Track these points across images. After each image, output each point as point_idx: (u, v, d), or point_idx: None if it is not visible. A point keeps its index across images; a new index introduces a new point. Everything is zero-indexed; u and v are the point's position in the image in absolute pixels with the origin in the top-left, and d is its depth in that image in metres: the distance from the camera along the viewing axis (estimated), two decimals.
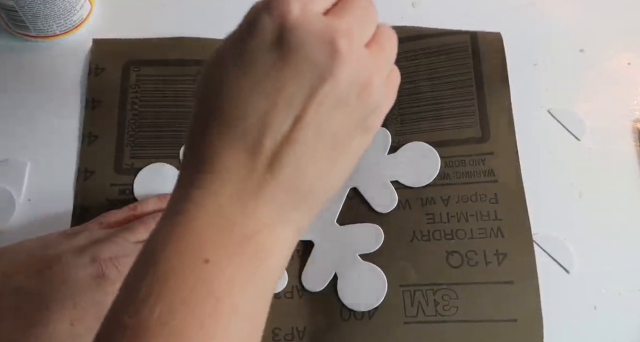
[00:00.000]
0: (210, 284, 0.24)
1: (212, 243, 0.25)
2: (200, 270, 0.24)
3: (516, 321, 0.42)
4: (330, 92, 0.25)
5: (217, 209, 0.25)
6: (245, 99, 0.25)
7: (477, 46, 0.49)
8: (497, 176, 0.46)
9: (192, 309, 0.23)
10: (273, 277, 0.27)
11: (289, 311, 0.43)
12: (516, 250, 0.44)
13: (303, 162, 0.26)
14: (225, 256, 0.25)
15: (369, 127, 0.28)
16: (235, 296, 0.24)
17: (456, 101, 0.48)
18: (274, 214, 0.26)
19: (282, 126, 0.26)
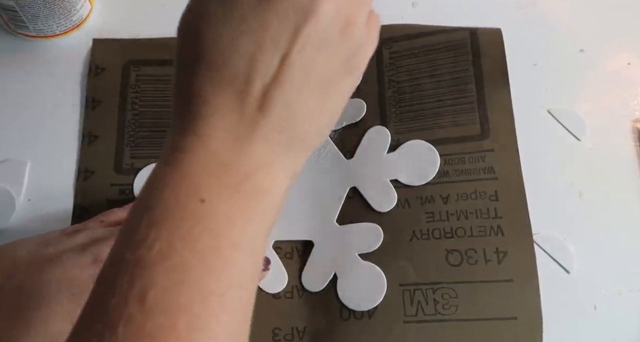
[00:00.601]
0: (207, 222, 0.24)
1: (207, 185, 0.25)
2: (197, 209, 0.24)
3: (516, 319, 0.42)
4: (313, 30, 0.26)
5: (210, 154, 0.25)
6: (230, 41, 0.25)
7: (476, 42, 0.49)
8: (497, 173, 0.45)
9: (192, 245, 0.23)
10: (269, 218, 0.27)
11: (289, 311, 0.43)
12: (516, 248, 0.43)
13: (293, 102, 0.26)
14: (221, 195, 0.25)
15: (354, 68, 0.28)
16: (233, 233, 0.25)
17: (456, 98, 0.48)
18: (268, 156, 0.26)
19: (270, 66, 0.25)
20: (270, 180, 0.26)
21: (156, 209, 0.24)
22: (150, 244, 0.23)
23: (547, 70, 0.49)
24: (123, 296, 0.22)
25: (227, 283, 0.24)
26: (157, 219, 0.24)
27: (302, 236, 0.45)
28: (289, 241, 0.45)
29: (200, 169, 0.25)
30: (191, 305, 0.23)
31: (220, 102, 0.26)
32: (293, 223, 0.45)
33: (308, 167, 0.47)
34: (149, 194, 0.25)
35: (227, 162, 0.25)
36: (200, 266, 0.23)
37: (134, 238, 0.24)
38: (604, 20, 0.51)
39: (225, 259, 0.24)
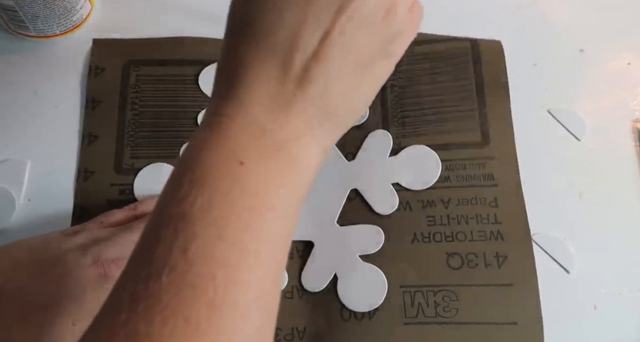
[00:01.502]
0: (246, 183, 0.25)
1: (245, 148, 0.26)
2: (236, 170, 0.25)
3: (516, 324, 0.42)
4: (357, 9, 0.27)
5: (249, 118, 0.26)
6: (275, 13, 0.26)
7: (477, 53, 0.49)
8: (496, 180, 0.46)
9: (230, 203, 0.24)
10: (303, 187, 0.28)
11: (289, 311, 0.43)
12: (516, 253, 0.44)
13: (331, 79, 0.27)
14: (259, 159, 0.26)
15: (392, 53, 0.29)
16: (270, 195, 0.26)
17: (457, 106, 0.48)
18: (303, 127, 0.27)
19: (312, 41, 0.27)
20: (304, 151, 0.27)
21: (197, 169, 0.25)
22: (192, 200, 0.24)
23: (547, 70, 0.49)
24: (167, 247, 0.23)
25: (263, 241, 0.25)
26: (198, 177, 0.25)
27: (303, 236, 0.45)
28: None
29: (240, 133, 0.26)
30: (229, 259, 0.24)
31: (262, 70, 0.27)
32: None
33: None
34: (190, 155, 0.26)
35: (266, 128, 0.26)
36: (238, 223, 0.24)
37: (176, 194, 0.25)
38: (604, 20, 0.51)
39: (261, 218, 0.25)
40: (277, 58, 0.27)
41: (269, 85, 0.27)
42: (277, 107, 0.27)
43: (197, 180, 0.25)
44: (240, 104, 0.27)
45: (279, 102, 0.27)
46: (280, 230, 0.26)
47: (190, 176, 0.25)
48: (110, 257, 0.37)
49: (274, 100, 0.27)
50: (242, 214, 0.25)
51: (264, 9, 0.27)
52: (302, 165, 0.27)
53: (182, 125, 0.48)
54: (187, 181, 0.25)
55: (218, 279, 0.23)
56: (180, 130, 0.48)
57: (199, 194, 0.24)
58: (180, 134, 0.48)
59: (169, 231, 0.24)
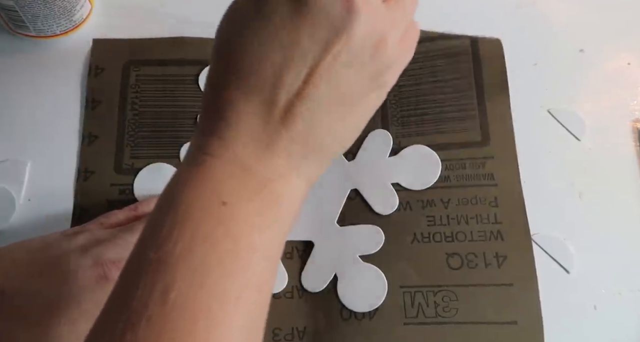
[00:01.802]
0: (228, 224, 0.25)
1: (228, 188, 0.26)
2: (218, 211, 0.25)
3: (516, 324, 0.42)
4: (344, 48, 0.26)
5: (233, 157, 0.26)
6: (260, 51, 0.26)
7: (477, 51, 0.49)
8: (496, 180, 0.46)
9: (211, 246, 0.24)
10: (286, 224, 0.27)
11: (289, 311, 0.43)
12: (516, 253, 0.44)
13: (316, 117, 0.27)
14: (241, 200, 0.26)
15: (383, 84, 0.29)
16: (252, 237, 0.25)
17: (457, 105, 0.48)
18: (287, 165, 0.27)
19: (296, 80, 0.26)
20: (289, 187, 0.27)
21: (180, 209, 0.25)
22: (173, 244, 0.24)
23: (547, 70, 0.49)
24: (146, 294, 0.23)
25: (244, 286, 0.25)
26: (180, 219, 0.25)
27: (303, 236, 0.45)
28: (289, 240, 0.45)
29: (223, 172, 0.26)
30: (209, 307, 0.23)
31: (247, 108, 0.26)
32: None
33: None
34: (173, 193, 0.26)
35: (249, 167, 0.26)
36: (219, 269, 0.24)
37: (157, 236, 0.24)
38: (604, 20, 0.51)
39: (243, 262, 0.25)
40: (262, 96, 0.26)
41: (253, 123, 0.26)
42: (261, 146, 0.26)
43: (178, 221, 0.24)
44: (224, 142, 0.26)
45: (263, 141, 0.26)
46: (262, 271, 0.26)
47: (172, 216, 0.25)
48: (111, 258, 0.37)
49: (258, 139, 0.26)
50: (223, 259, 0.24)
51: (249, 48, 0.26)
52: (286, 202, 0.27)
53: (182, 125, 0.48)
54: (169, 221, 0.25)
55: (198, 330, 0.23)
56: (180, 130, 0.48)
57: (180, 237, 0.24)
58: (180, 134, 0.48)
59: (148, 276, 0.23)
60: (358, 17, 0.25)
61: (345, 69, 0.26)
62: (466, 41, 0.50)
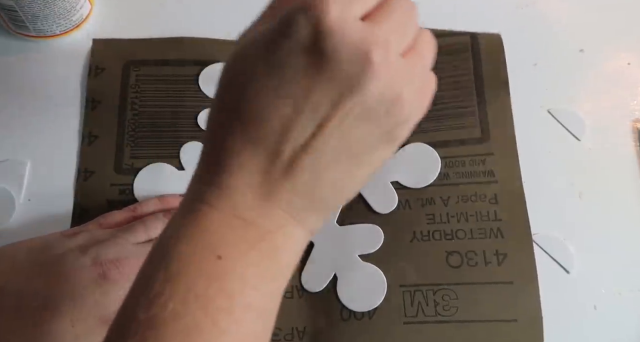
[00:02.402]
0: (223, 281, 0.24)
1: (225, 241, 0.25)
2: (213, 266, 0.24)
3: (516, 321, 0.42)
4: (358, 104, 0.25)
5: (231, 209, 0.25)
6: (269, 102, 0.25)
7: (477, 47, 0.49)
8: (496, 176, 0.46)
9: (205, 305, 0.23)
10: (285, 276, 0.27)
11: (289, 311, 0.43)
12: (516, 250, 0.43)
13: (321, 170, 0.26)
14: (238, 254, 0.25)
15: (395, 139, 0.27)
16: (248, 293, 0.24)
17: (457, 102, 0.48)
18: (288, 217, 0.26)
19: (304, 133, 0.25)
20: (288, 240, 0.26)
21: (172, 264, 0.24)
22: (164, 302, 0.23)
23: (547, 70, 0.49)
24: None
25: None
26: (174, 273, 0.24)
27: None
28: None
29: (220, 224, 0.25)
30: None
31: (249, 159, 0.25)
32: None
33: None
34: (166, 246, 0.25)
35: (247, 219, 0.25)
36: (213, 329, 0.23)
37: (147, 294, 0.23)
38: (604, 20, 0.51)
39: (237, 321, 0.24)
40: (266, 147, 0.25)
41: (255, 175, 0.25)
42: (262, 198, 0.25)
43: (171, 277, 0.23)
44: (223, 193, 0.25)
45: (263, 193, 0.25)
46: (257, 329, 0.25)
47: (164, 271, 0.24)
48: (110, 258, 0.37)
49: (259, 191, 0.25)
50: (217, 318, 0.23)
51: (257, 98, 0.25)
52: (285, 255, 0.26)
53: (182, 125, 0.48)
54: (161, 277, 0.24)
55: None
56: (180, 130, 0.48)
57: (172, 295, 0.23)
58: (180, 134, 0.48)
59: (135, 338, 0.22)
60: (377, 75, 0.24)
61: (357, 125, 0.25)
62: (466, 37, 0.50)
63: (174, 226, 0.26)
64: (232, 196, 0.25)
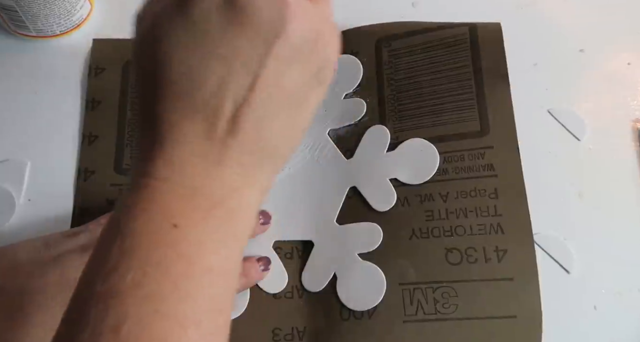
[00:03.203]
0: (180, 247, 0.24)
1: (178, 211, 0.24)
2: (169, 235, 0.24)
3: (516, 318, 0.41)
4: (285, 47, 0.25)
5: (181, 179, 0.25)
6: (199, 68, 0.25)
7: (475, 38, 0.49)
8: (496, 170, 0.45)
9: (165, 271, 0.23)
10: (242, 238, 0.27)
11: (289, 311, 0.43)
12: (516, 246, 0.43)
13: (264, 121, 0.26)
14: (194, 221, 0.24)
15: (323, 80, 0.28)
16: (206, 257, 0.24)
17: (455, 95, 0.47)
18: (240, 178, 0.26)
19: (241, 89, 0.25)
20: (243, 202, 0.26)
21: (128, 237, 0.23)
22: (122, 273, 0.22)
23: (547, 70, 0.49)
24: (96, 330, 0.22)
25: (203, 308, 0.24)
26: (129, 246, 0.23)
27: (302, 236, 0.45)
28: (289, 241, 0.45)
29: (171, 194, 0.25)
30: (167, 335, 0.22)
31: (190, 127, 0.25)
32: (293, 223, 0.46)
33: (308, 167, 0.47)
34: (119, 221, 0.24)
35: (199, 186, 0.25)
36: (175, 294, 0.23)
37: (104, 267, 0.23)
38: (604, 20, 0.51)
39: (200, 285, 0.24)
40: (205, 113, 0.25)
41: (198, 141, 0.25)
42: (209, 163, 0.25)
43: (127, 250, 0.23)
44: (169, 165, 0.25)
45: (210, 158, 0.25)
46: (221, 291, 0.25)
47: (119, 244, 0.23)
48: None
49: (205, 156, 0.25)
50: (178, 284, 0.23)
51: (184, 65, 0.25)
52: (241, 217, 0.26)
53: None
54: (115, 251, 0.23)
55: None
56: None
57: (130, 266, 0.23)
58: None
59: (96, 311, 0.22)
60: (296, 16, 0.25)
61: (288, 69, 0.26)
62: (464, 29, 0.49)
63: (124, 203, 0.25)
64: (179, 166, 0.25)
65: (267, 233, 0.45)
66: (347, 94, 0.49)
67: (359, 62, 0.49)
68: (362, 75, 0.49)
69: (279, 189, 0.46)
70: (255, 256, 0.44)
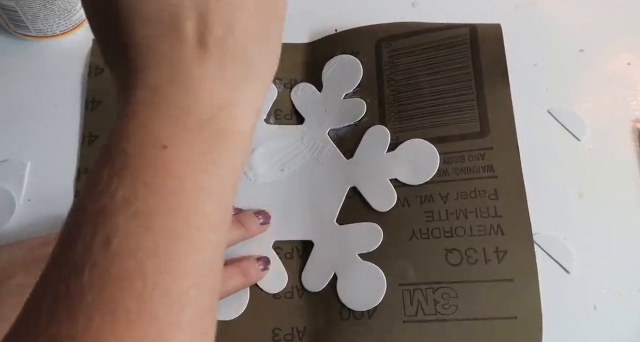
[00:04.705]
0: (170, 167, 0.24)
1: (167, 132, 0.24)
2: (159, 155, 0.24)
3: (516, 319, 0.41)
4: None
5: (166, 101, 0.24)
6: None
7: (476, 38, 0.49)
8: (496, 171, 0.45)
9: (155, 189, 0.23)
10: (237, 159, 0.26)
11: (289, 311, 0.43)
12: (516, 247, 0.43)
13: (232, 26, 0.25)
14: (183, 141, 0.24)
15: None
16: (198, 176, 0.24)
17: (455, 96, 0.47)
18: (225, 93, 0.25)
19: None
20: (233, 119, 0.26)
21: (117, 160, 0.23)
22: (112, 192, 0.23)
23: (547, 70, 0.49)
24: (87, 243, 0.22)
25: (194, 225, 0.24)
26: (118, 168, 0.23)
27: (302, 236, 0.45)
28: (289, 241, 0.45)
29: (159, 117, 0.24)
30: (157, 248, 0.22)
31: (161, 47, 0.25)
32: (293, 223, 0.46)
33: (308, 167, 0.47)
34: (109, 148, 0.24)
35: (185, 106, 0.25)
36: (165, 210, 0.23)
37: (96, 189, 0.23)
38: (604, 20, 0.51)
39: (191, 201, 0.24)
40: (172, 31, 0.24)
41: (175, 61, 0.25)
42: (191, 81, 0.25)
43: (116, 171, 0.23)
44: (151, 89, 0.25)
45: (190, 75, 0.25)
46: (214, 210, 0.25)
47: (109, 167, 0.23)
48: None
49: (185, 75, 0.25)
50: (168, 201, 0.23)
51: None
52: (233, 136, 0.26)
53: None
54: (106, 173, 0.23)
55: (147, 271, 0.22)
56: None
57: (120, 185, 0.23)
58: None
59: (88, 226, 0.22)
60: None
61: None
62: (465, 29, 0.49)
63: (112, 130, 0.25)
64: (163, 88, 0.25)
65: (267, 233, 0.45)
66: (347, 94, 0.49)
67: (359, 62, 0.49)
68: (362, 75, 0.49)
69: (279, 189, 0.46)
70: (254, 256, 0.44)
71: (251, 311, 0.43)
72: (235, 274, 0.42)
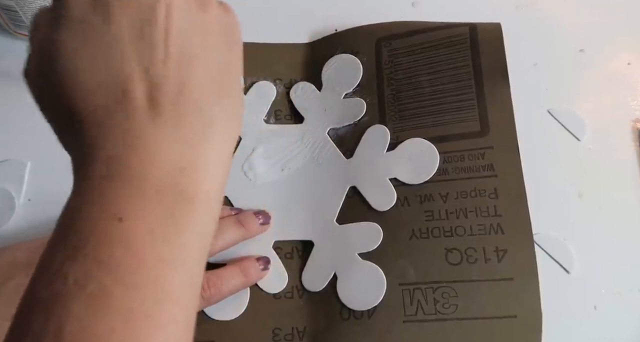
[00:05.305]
0: (127, 241, 0.22)
1: (124, 202, 0.23)
2: (115, 229, 0.22)
3: (516, 318, 0.41)
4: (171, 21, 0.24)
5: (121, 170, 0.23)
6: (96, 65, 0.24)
7: (475, 38, 0.48)
8: (496, 170, 0.45)
9: (110, 268, 0.22)
10: (205, 224, 0.25)
11: (289, 311, 0.43)
12: (516, 246, 0.43)
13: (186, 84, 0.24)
14: (142, 210, 0.23)
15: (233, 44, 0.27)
16: (158, 247, 0.23)
17: (455, 95, 0.47)
18: (184, 154, 0.24)
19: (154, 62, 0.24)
20: (196, 181, 0.24)
21: (70, 238, 0.22)
22: (64, 275, 0.21)
23: (547, 70, 0.49)
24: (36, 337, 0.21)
25: (155, 301, 0.22)
26: (71, 248, 0.22)
27: (302, 236, 0.45)
28: (289, 241, 0.45)
29: (115, 188, 0.23)
30: (113, 331, 0.21)
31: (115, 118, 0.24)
32: (293, 223, 0.46)
33: (308, 167, 0.47)
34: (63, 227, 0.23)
35: (142, 171, 0.23)
36: (121, 289, 0.22)
37: (48, 272, 0.22)
38: (604, 20, 0.51)
39: (150, 277, 0.22)
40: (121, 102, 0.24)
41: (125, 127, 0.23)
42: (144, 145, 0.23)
43: (69, 251, 0.22)
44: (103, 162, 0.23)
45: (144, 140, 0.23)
46: (179, 284, 0.23)
47: (62, 248, 0.22)
48: None
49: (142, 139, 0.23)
50: (125, 278, 0.22)
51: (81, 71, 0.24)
52: (198, 200, 0.24)
53: None
54: (59, 255, 0.22)
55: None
56: None
57: (72, 267, 0.21)
58: None
59: (39, 317, 0.21)
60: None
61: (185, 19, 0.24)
62: (465, 29, 0.49)
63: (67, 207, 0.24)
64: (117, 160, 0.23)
65: (267, 233, 0.45)
66: (347, 94, 0.49)
67: (359, 61, 0.49)
68: (362, 75, 0.49)
69: (279, 188, 0.46)
70: (254, 256, 0.44)
71: (251, 311, 0.43)
72: (236, 274, 0.42)
